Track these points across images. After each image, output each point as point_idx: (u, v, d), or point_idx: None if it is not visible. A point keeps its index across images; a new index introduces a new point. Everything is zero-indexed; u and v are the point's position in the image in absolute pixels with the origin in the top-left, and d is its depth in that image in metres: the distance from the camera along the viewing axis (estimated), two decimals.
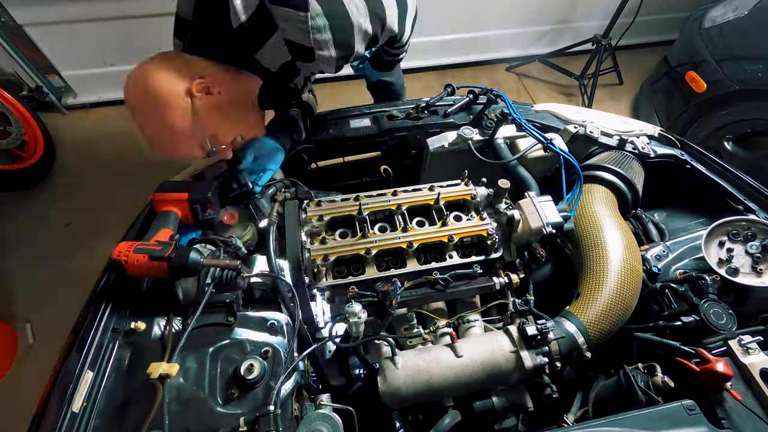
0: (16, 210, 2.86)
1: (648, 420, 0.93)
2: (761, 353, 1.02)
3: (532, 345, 1.09)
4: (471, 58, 3.92)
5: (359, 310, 1.05)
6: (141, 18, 3.03)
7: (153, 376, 0.91)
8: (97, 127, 3.41)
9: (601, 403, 1.15)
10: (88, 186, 3.01)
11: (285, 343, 1.09)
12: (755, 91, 2.31)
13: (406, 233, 1.25)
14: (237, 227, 1.32)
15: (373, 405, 1.08)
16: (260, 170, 1.39)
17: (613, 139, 1.62)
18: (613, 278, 1.20)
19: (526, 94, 3.81)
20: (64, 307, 2.37)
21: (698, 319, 1.13)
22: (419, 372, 1.06)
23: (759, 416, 0.94)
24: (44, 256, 2.63)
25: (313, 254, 1.18)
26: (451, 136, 1.56)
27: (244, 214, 1.35)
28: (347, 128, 1.65)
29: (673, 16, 3.90)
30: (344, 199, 1.33)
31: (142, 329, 1.05)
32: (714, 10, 2.76)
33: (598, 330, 1.14)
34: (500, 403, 1.10)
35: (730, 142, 2.50)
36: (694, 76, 2.60)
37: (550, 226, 1.21)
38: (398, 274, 1.20)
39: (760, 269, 1.24)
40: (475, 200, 1.34)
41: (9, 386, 2.14)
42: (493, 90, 1.63)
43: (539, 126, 1.62)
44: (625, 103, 3.71)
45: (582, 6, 3.75)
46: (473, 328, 1.25)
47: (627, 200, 1.50)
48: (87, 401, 0.93)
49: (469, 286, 1.24)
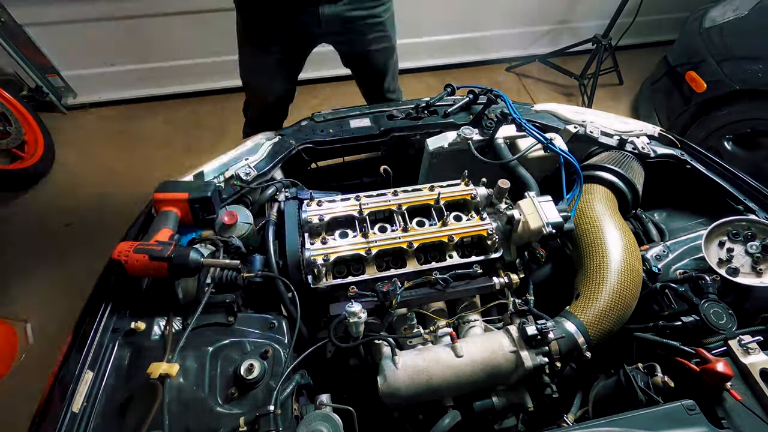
0: (16, 210, 2.86)
1: (648, 420, 0.93)
2: (761, 353, 1.02)
3: (532, 345, 1.09)
4: (471, 58, 3.92)
5: (359, 310, 1.05)
6: (141, 18, 3.03)
7: (153, 376, 0.91)
8: (97, 127, 3.41)
9: (601, 403, 1.15)
10: (88, 186, 3.01)
11: (285, 343, 1.09)
12: (755, 91, 2.31)
13: (406, 233, 1.25)
14: (239, 227, 1.32)
15: (373, 405, 1.08)
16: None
17: (613, 139, 1.62)
18: (613, 278, 1.20)
19: (526, 94, 3.81)
20: (64, 307, 2.39)
21: (698, 319, 1.13)
22: (419, 372, 1.06)
23: (759, 416, 0.94)
24: (44, 256, 2.63)
25: (313, 254, 1.18)
26: (451, 136, 1.56)
27: (243, 215, 1.35)
28: (347, 128, 1.65)
29: (673, 16, 3.91)
30: (344, 199, 1.33)
31: (142, 329, 1.05)
32: (714, 10, 2.76)
33: (598, 330, 1.14)
34: (500, 403, 1.10)
35: (730, 142, 2.50)
36: (694, 76, 2.60)
37: (550, 226, 1.21)
38: (398, 274, 1.20)
39: (760, 269, 1.24)
40: (475, 200, 1.34)
41: (9, 386, 2.14)
42: (493, 90, 1.63)
43: (539, 126, 1.62)
44: (625, 103, 3.72)
45: (582, 6, 3.76)
46: (473, 328, 1.25)
47: (627, 200, 1.50)
48: (87, 401, 0.93)
49: (469, 286, 1.24)
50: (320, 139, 1.61)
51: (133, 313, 1.11)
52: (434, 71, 3.90)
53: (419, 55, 3.76)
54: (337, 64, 2.08)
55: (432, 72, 3.90)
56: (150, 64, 3.31)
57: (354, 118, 1.69)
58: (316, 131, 1.63)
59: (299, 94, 2.24)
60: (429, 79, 3.86)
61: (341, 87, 3.65)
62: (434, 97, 1.71)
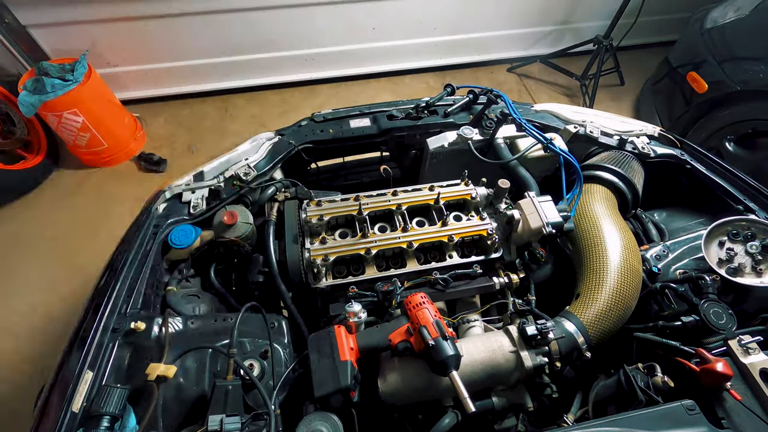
0: (19, 209, 2.87)
1: (648, 420, 0.92)
2: (761, 353, 1.02)
3: (532, 345, 1.09)
4: (472, 59, 3.92)
5: (359, 310, 1.05)
6: (141, 19, 3.04)
7: (151, 377, 0.91)
8: None
9: (601, 403, 1.15)
10: (90, 186, 3.02)
11: (285, 342, 1.09)
12: (756, 92, 2.31)
13: (406, 233, 1.25)
14: (239, 226, 1.32)
15: (373, 405, 1.08)
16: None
17: (613, 139, 1.62)
18: (613, 278, 1.20)
19: (527, 95, 3.81)
20: (64, 307, 2.40)
21: (698, 319, 1.13)
22: (419, 372, 1.06)
23: (759, 416, 0.93)
24: (46, 255, 2.63)
25: (313, 254, 1.18)
26: (451, 136, 1.56)
27: (243, 214, 1.35)
28: (347, 128, 1.65)
29: (674, 16, 3.90)
30: (344, 199, 1.34)
31: (142, 329, 1.05)
32: (715, 11, 2.75)
33: (598, 330, 1.14)
34: (500, 402, 1.10)
35: (731, 143, 2.49)
36: (696, 77, 2.59)
37: (550, 225, 1.21)
38: (398, 274, 1.20)
39: (760, 269, 1.23)
40: (475, 200, 1.34)
41: (9, 385, 2.15)
42: (493, 90, 1.63)
43: (539, 126, 1.62)
44: (627, 104, 3.71)
45: (583, 7, 3.75)
46: (473, 328, 1.25)
47: (627, 200, 1.50)
48: (87, 401, 0.93)
49: (469, 286, 1.24)
50: (320, 139, 1.62)
51: (133, 313, 1.11)
52: (435, 71, 3.90)
53: (420, 55, 3.76)
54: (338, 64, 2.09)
55: (432, 72, 3.90)
56: (151, 64, 3.32)
57: (354, 118, 1.70)
58: (316, 131, 1.64)
59: (300, 94, 2.24)
60: (429, 79, 3.86)
61: (341, 87, 3.66)
62: (434, 97, 1.71)
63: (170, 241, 1.30)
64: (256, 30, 3.24)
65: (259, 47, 3.36)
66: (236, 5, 3.07)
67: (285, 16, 3.20)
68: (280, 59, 3.45)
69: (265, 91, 3.62)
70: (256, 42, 3.32)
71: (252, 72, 3.51)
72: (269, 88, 3.62)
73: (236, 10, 3.10)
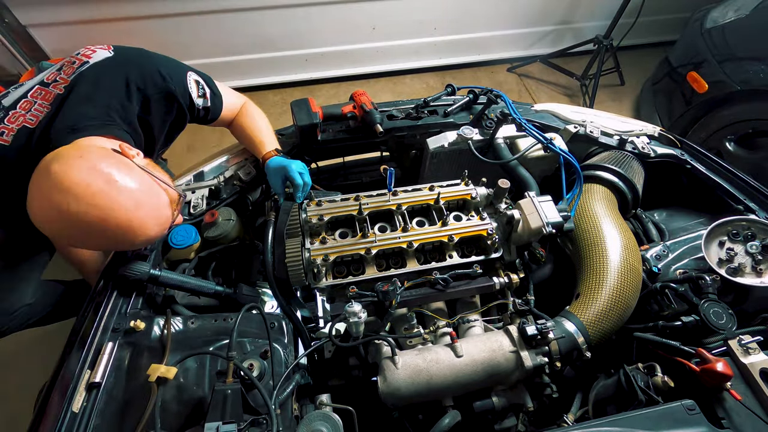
0: None
1: (648, 420, 0.92)
2: (761, 353, 1.02)
3: (532, 345, 1.09)
4: (472, 59, 3.92)
5: (359, 310, 1.05)
6: (141, 19, 3.04)
7: (151, 378, 0.91)
8: None
9: (601, 403, 1.15)
10: None
11: (285, 342, 1.09)
12: (757, 92, 2.30)
13: (406, 233, 1.25)
14: (219, 224, 1.38)
15: (373, 405, 1.08)
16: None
17: (613, 139, 1.62)
18: (613, 278, 1.20)
19: (527, 95, 3.81)
20: None
21: (698, 319, 1.13)
22: (419, 372, 1.06)
23: (759, 416, 0.93)
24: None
25: (313, 254, 1.18)
26: (451, 136, 1.56)
27: (225, 212, 1.39)
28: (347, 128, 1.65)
29: (674, 16, 3.89)
30: (344, 199, 1.33)
31: (142, 329, 1.05)
32: (715, 11, 2.75)
33: (598, 329, 1.14)
34: (500, 402, 1.10)
35: (732, 143, 2.49)
36: (696, 77, 2.59)
37: (550, 225, 1.21)
38: (398, 274, 1.20)
39: (760, 269, 1.23)
40: (475, 200, 1.34)
41: (9, 385, 2.15)
42: (493, 90, 1.63)
43: (539, 126, 1.62)
44: (627, 104, 3.71)
45: (583, 7, 3.75)
46: (473, 328, 1.25)
47: (627, 200, 1.50)
48: (87, 401, 0.93)
49: (469, 286, 1.24)
50: (320, 139, 1.61)
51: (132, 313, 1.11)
52: (435, 71, 3.90)
53: (419, 55, 3.76)
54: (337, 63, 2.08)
55: (432, 72, 3.90)
56: None
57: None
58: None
59: (299, 94, 2.24)
60: (429, 79, 3.86)
61: (341, 87, 3.65)
62: (433, 95, 1.71)
63: (170, 241, 1.30)
64: (255, 30, 3.23)
65: (259, 47, 3.35)
66: (236, 5, 3.07)
67: (285, 16, 3.19)
68: (279, 59, 3.44)
69: (265, 90, 3.61)
70: (255, 42, 3.31)
71: (252, 72, 3.50)
72: (269, 88, 3.60)
73: (236, 10, 3.10)
